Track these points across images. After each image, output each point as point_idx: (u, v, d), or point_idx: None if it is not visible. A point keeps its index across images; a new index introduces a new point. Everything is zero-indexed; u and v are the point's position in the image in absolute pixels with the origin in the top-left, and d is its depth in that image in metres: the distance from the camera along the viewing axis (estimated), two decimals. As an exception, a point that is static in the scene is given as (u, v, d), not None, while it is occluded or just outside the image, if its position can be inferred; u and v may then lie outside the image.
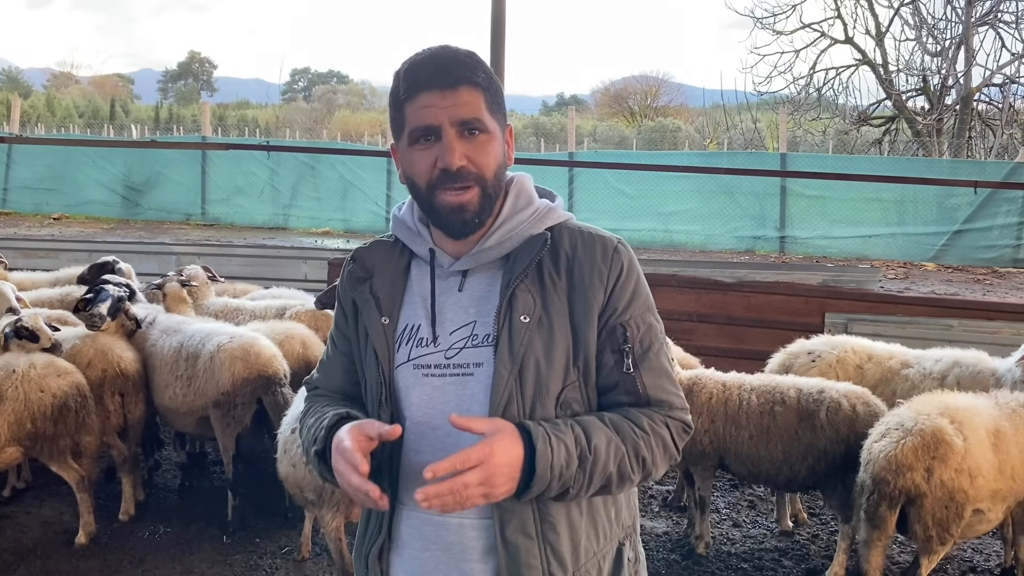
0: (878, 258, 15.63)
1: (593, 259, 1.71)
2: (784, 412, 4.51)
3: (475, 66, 1.68)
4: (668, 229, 17.12)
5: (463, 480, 1.49)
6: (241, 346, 4.89)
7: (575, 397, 1.69)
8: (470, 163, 1.65)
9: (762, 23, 23.92)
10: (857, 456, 4.16)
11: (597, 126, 42.18)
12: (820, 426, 4.44)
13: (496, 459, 1.51)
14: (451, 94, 1.64)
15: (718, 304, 7.17)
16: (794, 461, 4.50)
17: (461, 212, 1.67)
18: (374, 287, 1.78)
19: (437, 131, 1.65)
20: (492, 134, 1.69)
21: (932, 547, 3.93)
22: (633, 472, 1.66)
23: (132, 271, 6.57)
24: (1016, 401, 4.17)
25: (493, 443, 1.52)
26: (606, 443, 1.62)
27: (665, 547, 4.96)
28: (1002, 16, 21.92)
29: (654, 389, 1.71)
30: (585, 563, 1.71)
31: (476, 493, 1.51)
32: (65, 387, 4.59)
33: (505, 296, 1.68)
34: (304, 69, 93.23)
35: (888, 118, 23.77)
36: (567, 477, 1.58)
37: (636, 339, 1.70)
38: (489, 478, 1.51)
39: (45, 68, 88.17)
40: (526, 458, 1.55)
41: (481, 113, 1.66)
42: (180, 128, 37.45)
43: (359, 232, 17.61)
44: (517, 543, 1.66)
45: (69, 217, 19.59)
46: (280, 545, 4.83)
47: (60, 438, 4.59)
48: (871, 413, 4.42)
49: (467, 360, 1.69)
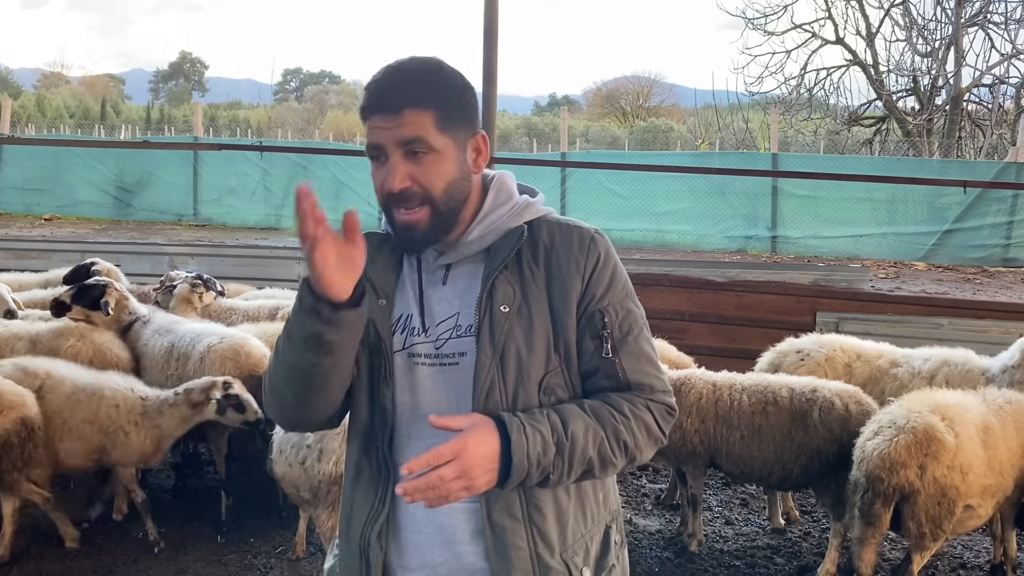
0: (869, 257, 15.71)
1: (570, 249, 1.77)
2: (777, 412, 4.52)
3: (425, 86, 1.70)
4: (660, 229, 17.17)
5: (439, 474, 1.55)
6: (232, 346, 4.90)
7: (558, 383, 1.75)
8: (414, 183, 1.70)
9: (753, 24, 24.08)
10: (850, 455, 4.18)
11: (589, 126, 42.23)
12: (813, 425, 4.44)
13: (470, 452, 1.58)
14: (395, 118, 1.68)
15: (710, 303, 7.19)
16: (787, 460, 4.51)
17: (411, 231, 1.73)
18: (370, 271, 1.80)
19: (384, 151, 1.71)
20: (440, 152, 1.70)
21: (924, 543, 3.96)
22: (615, 456, 1.72)
23: (120, 272, 6.57)
24: (1003, 397, 4.22)
25: (467, 437, 1.59)
26: (584, 429, 1.67)
27: (658, 545, 4.98)
28: (991, 17, 22.08)
29: (634, 373, 1.76)
30: (573, 544, 1.77)
31: (456, 487, 1.57)
32: (7, 424, 4.29)
33: (485, 287, 1.74)
34: (296, 69, 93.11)
35: (879, 118, 23.91)
36: (545, 464, 1.64)
37: (615, 324, 1.76)
38: (466, 471, 1.57)
39: (35, 68, 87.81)
40: (503, 448, 1.61)
41: (426, 132, 1.68)
42: (171, 128, 37.33)
43: (352, 232, 17.59)
44: (504, 525, 1.72)
45: (60, 218, 19.54)
46: (274, 545, 4.84)
47: (6, 474, 4.37)
48: (863, 412, 4.44)
49: (452, 350, 1.76)
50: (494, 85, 7.09)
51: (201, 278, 6.03)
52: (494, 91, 7.14)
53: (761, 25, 24.01)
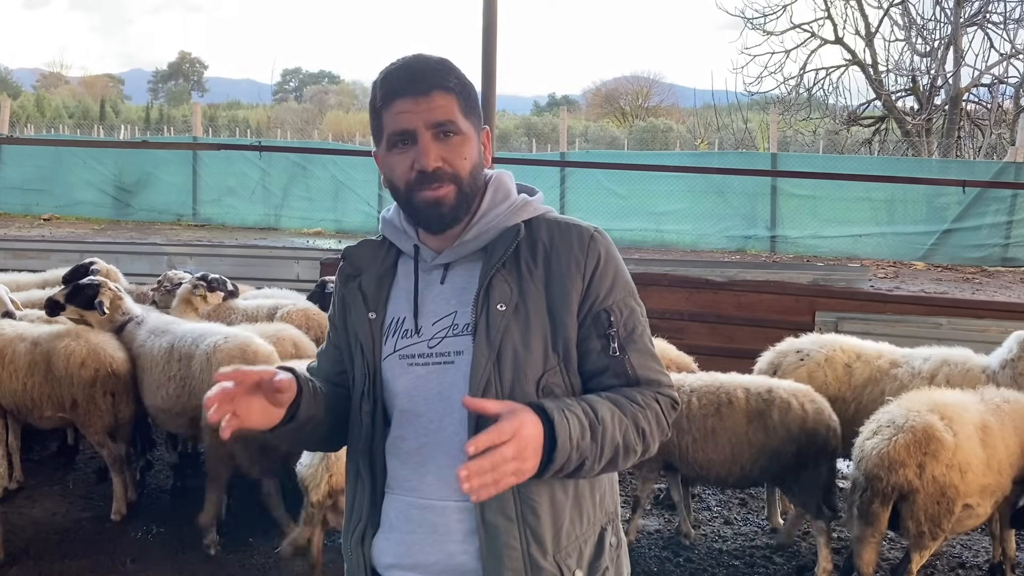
0: (868, 257, 15.71)
1: (570, 248, 1.77)
2: (731, 413, 4.47)
3: (447, 72, 1.75)
4: (659, 229, 17.17)
5: (501, 453, 1.50)
6: (238, 345, 4.89)
7: (556, 382, 1.75)
8: (445, 164, 1.73)
9: (752, 24, 24.05)
10: (807, 455, 4.32)
11: (588, 126, 42.24)
12: (773, 426, 4.43)
13: (526, 431, 1.55)
14: (424, 100, 1.71)
15: (709, 303, 7.19)
16: (744, 462, 4.48)
17: (438, 207, 1.74)
18: (362, 283, 1.87)
19: (413, 135, 1.72)
20: (466, 136, 1.75)
21: (924, 543, 3.96)
22: (636, 444, 1.72)
23: (119, 272, 6.56)
24: (1000, 396, 4.23)
25: (520, 416, 1.56)
26: (610, 415, 1.68)
27: (657, 544, 4.98)
28: (990, 17, 22.08)
29: (642, 369, 1.77)
30: (566, 546, 1.76)
31: (510, 469, 1.52)
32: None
33: (483, 285, 1.74)
34: (295, 69, 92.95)
35: (878, 118, 23.90)
36: (584, 448, 1.63)
37: (620, 323, 1.76)
38: (521, 451, 1.54)
39: (35, 68, 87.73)
40: (546, 432, 1.59)
41: (455, 116, 1.73)
42: (171, 128, 37.31)
43: (351, 232, 17.60)
44: (497, 524, 1.71)
45: (59, 218, 19.53)
46: (273, 545, 4.82)
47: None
48: (818, 411, 4.49)
49: (448, 348, 1.76)
50: (493, 85, 7.10)
51: (205, 279, 6.00)
52: (493, 91, 7.15)
53: (760, 25, 24.01)
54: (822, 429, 4.46)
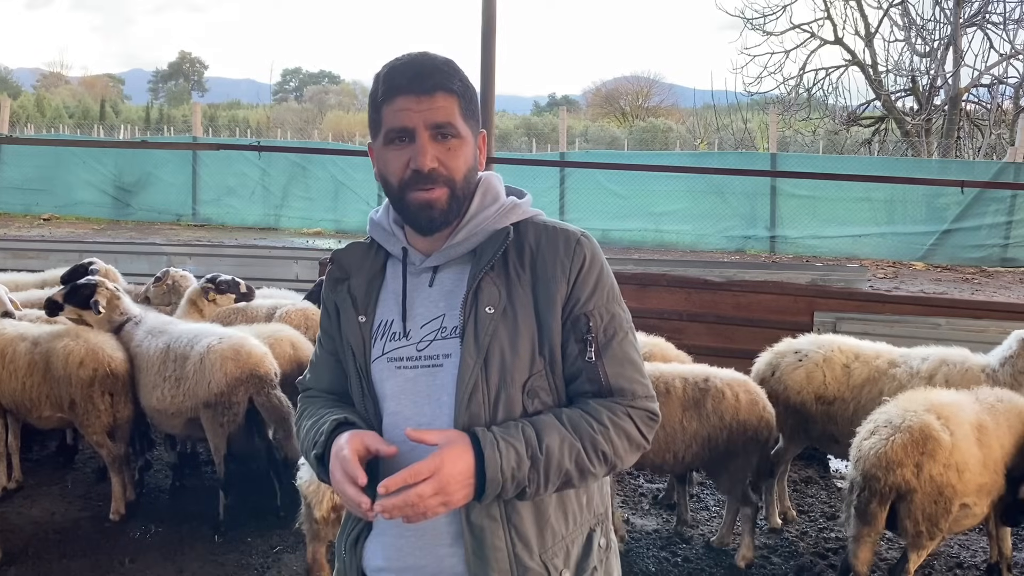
0: (867, 257, 15.72)
1: (556, 252, 1.77)
2: (667, 401, 4.53)
3: (452, 74, 1.75)
4: (659, 229, 17.17)
5: (417, 492, 1.57)
6: (232, 346, 4.90)
7: (542, 386, 1.75)
8: (441, 165, 1.72)
9: (752, 24, 24.06)
10: (738, 442, 4.49)
11: (588, 126, 42.25)
12: (706, 415, 4.55)
13: (446, 469, 1.59)
14: (427, 99, 1.71)
15: (708, 303, 7.19)
16: (678, 449, 4.59)
17: (429, 209, 1.73)
18: (351, 287, 1.86)
19: (411, 133, 1.71)
20: (464, 139, 1.75)
21: (921, 542, 3.97)
22: (594, 466, 1.71)
23: (117, 272, 6.56)
24: (994, 396, 4.23)
25: (443, 454, 1.60)
26: (559, 442, 1.67)
27: (655, 544, 4.98)
28: (990, 17, 22.08)
29: (616, 377, 1.76)
30: (552, 546, 1.76)
31: (433, 503, 1.59)
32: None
33: (471, 288, 1.74)
34: (295, 69, 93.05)
35: (877, 118, 23.90)
36: (520, 478, 1.64)
37: (599, 328, 1.76)
38: (443, 488, 1.58)
39: (35, 68, 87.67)
40: (477, 464, 1.61)
41: (455, 118, 1.73)
42: (170, 128, 37.33)
43: (350, 232, 17.61)
44: (482, 525, 1.72)
45: (59, 218, 19.54)
46: (272, 544, 4.84)
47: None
48: (752, 401, 4.62)
49: (437, 352, 1.76)
50: (492, 85, 7.10)
51: (214, 281, 5.96)
52: (492, 91, 7.15)
53: (760, 25, 24.02)
54: (753, 419, 4.59)
